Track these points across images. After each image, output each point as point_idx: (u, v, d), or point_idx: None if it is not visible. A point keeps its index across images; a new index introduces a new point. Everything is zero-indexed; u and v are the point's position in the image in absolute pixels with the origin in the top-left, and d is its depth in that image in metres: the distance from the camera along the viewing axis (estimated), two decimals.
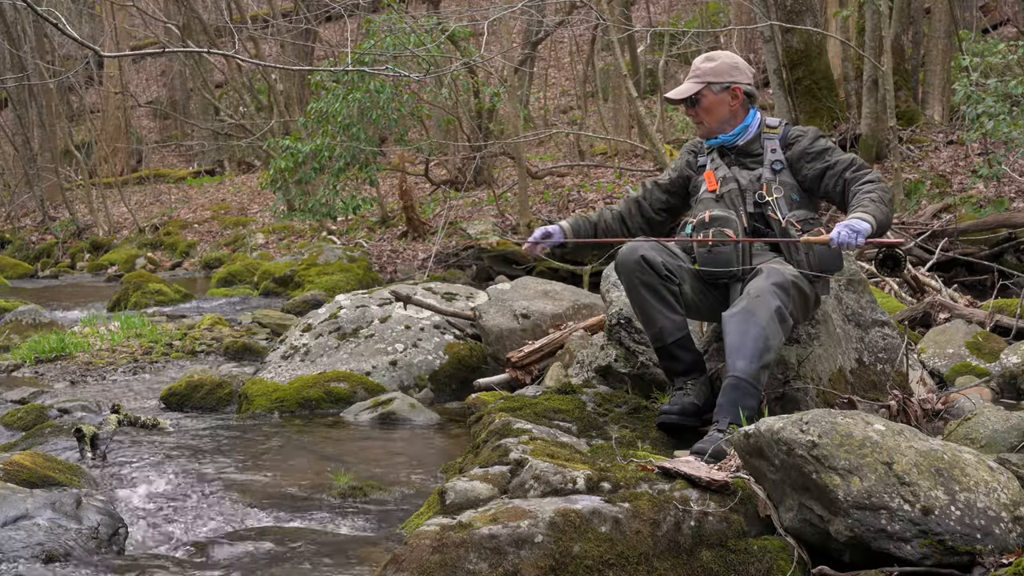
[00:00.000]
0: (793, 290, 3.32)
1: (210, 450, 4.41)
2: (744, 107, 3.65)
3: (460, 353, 5.72)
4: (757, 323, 3.18)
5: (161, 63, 27.81)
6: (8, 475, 3.37)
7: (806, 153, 3.54)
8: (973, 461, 2.50)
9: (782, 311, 3.22)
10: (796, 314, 3.38)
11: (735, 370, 3.18)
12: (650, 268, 3.46)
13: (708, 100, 3.62)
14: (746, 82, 3.65)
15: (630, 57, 14.85)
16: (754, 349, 3.17)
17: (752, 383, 3.17)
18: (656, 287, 3.46)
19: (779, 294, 3.23)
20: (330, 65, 15.81)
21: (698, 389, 3.48)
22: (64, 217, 19.77)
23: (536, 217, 11.57)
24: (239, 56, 4.46)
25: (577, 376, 4.09)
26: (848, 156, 3.51)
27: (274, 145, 13.83)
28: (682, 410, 3.43)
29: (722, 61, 3.66)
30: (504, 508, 2.51)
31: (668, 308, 3.47)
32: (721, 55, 3.71)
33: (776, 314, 3.20)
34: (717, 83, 3.62)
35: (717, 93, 3.61)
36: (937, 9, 12.19)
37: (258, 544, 3.05)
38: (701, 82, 3.63)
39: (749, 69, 3.73)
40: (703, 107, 3.64)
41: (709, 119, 3.65)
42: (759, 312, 3.20)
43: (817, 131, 3.64)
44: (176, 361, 6.89)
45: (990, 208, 8.62)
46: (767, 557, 2.50)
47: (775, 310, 3.20)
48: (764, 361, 3.18)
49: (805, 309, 3.51)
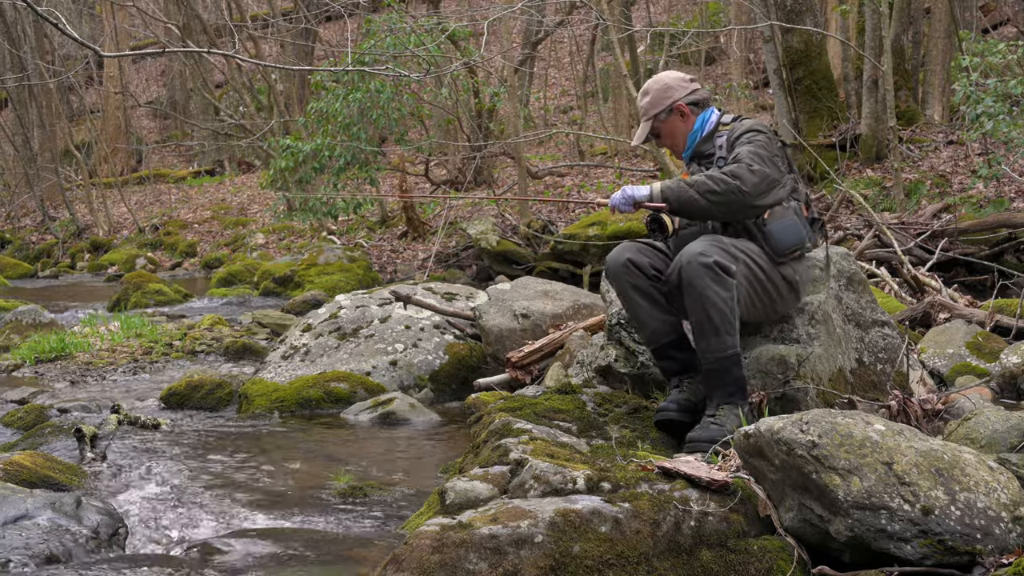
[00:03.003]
0: (739, 256, 3.38)
1: (210, 450, 4.41)
2: (695, 115, 3.77)
3: (460, 353, 5.72)
4: (698, 298, 3.28)
5: (161, 63, 27.81)
6: (8, 475, 3.37)
7: (731, 146, 3.63)
8: (973, 461, 2.50)
9: (713, 269, 3.28)
10: (753, 284, 3.42)
11: (701, 355, 3.35)
12: (637, 271, 3.53)
13: (664, 129, 3.78)
14: (684, 95, 3.75)
15: (630, 57, 14.84)
16: (707, 325, 3.28)
17: (720, 357, 3.28)
18: (645, 289, 3.52)
19: (705, 255, 3.29)
20: (330, 65, 15.81)
21: (695, 387, 3.51)
22: (64, 217, 19.77)
23: (536, 217, 11.57)
24: (239, 56, 4.46)
25: (577, 376, 4.09)
26: (746, 150, 3.52)
27: (274, 145, 13.83)
28: (679, 407, 3.46)
29: (655, 90, 3.79)
30: (504, 508, 2.51)
31: (659, 309, 3.52)
32: (651, 84, 3.83)
33: (708, 272, 3.27)
34: (660, 111, 3.76)
35: (666, 119, 3.75)
36: (937, 9, 12.19)
37: (258, 544, 3.05)
38: (648, 118, 3.79)
39: (684, 78, 3.83)
40: (664, 136, 3.80)
41: (675, 142, 3.80)
42: (696, 284, 3.29)
43: (752, 125, 3.66)
44: (176, 361, 6.89)
45: (990, 208, 8.62)
46: (767, 557, 2.50)
47: (706, 270, 3.28)
48: (720, 326, 3.27)
49: (771, 292, 3.51)
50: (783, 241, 3.49)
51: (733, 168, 3.45)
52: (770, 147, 3.55)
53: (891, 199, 9.59)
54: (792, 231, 3.50)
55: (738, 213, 3.49)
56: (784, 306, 3.61)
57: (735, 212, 3.47)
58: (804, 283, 3.63)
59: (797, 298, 3.62)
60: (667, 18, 20.86)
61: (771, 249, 3.48)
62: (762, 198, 3.45)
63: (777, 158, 3.55)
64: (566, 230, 10.59)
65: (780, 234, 3.49)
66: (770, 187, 3.46)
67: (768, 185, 3.45)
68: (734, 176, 3.41)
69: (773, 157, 3.53)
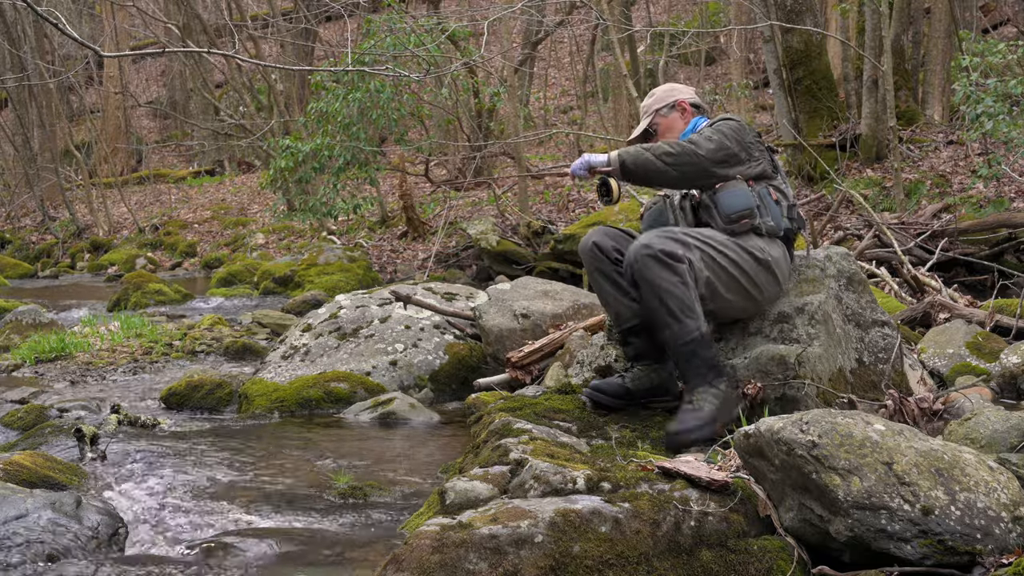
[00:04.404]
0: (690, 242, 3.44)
1: (210, 450, 4.41)
2: (692, 116, 3.92)
3: (460, 353, 5.72)
4: (650, 288, 3.36)
5: (161, 63, 27.82)
6: (8, 475, 3.37)
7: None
8: (973, 461, 2.50)
9: (657, 257, 3.35)
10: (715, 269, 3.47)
11: (668, 345, 3.42)
12: (602, 255, 3.62)
13: (662, 124, 3.90)
14: (688, 95, 3.93)
15: (630, 57, 14.85)
16: (664, 313, 3.35)
17: (686, 342, 3.34)
18: (608, 273, 3.62)
19: (648, 247, 3.37)
20: (330, 65, 15.81)
21: (639, 376, 3.61)
22: (64, 217, 19.77)
23: (536, 217, 11.57)
24: (239, 56, 4.46)
25: (577, 376, 4.09)
26: (709, 128, 3.63)
27: (274, 145, 13.83)
28: (607, 390, 3.59)
29: (661, 91, 3.99)
30: (504, 508, 2.51)
31: (621, 293, 3.61)
32: (658, 88, 4.04)
33: (654, 261, 3.35)
34: (663, 106, 3.90)
35: (667, 115, 3.90)
36: (937, 9, 12.20)
37: (258, 544, 3.05)
38: (650, 114, 3.93)
39: (687, 88, 4.00)
40: (662, 131, 3.90)
41: (671, 136, 3.89)
42: (646, 276, 3.37)
43: (723, 116, 3.75)
44: (176, 361, 6.89)
45: (990, 208, 8.62)
46: (767, 557, 2.50)
47: (652, 260, 3.35)
48: (676, 311, 3.33)
49: (740, 275, 3.52)
50: (729, 206, 3.54)
51: (691, 136, 3.60)
52: (738, 132, 3.63)
53: (891, 199, 9.59)
54: (739, 197, 3.55)
55: (695, 178, 3.57)
56: (765, 290, 3.59)
57: (691, 176, 3.56)
58: (779, 263, 3.61)
59: (777, 280, 3.61)
60: (667, 18, 20.87)
61: (720, 217, 3.54)
62: (720, 167, 3.54)
63: (746, 141, 3.62)
64: (566, 230, 10.60)
65: (726, 199, 3.55)
66: (728, 158, 3.56)
67: (726, 155, 3.55)
68: (690, 142, 3.54)
69: (738, 138, 3.61)
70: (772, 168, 3.70)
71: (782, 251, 3.64)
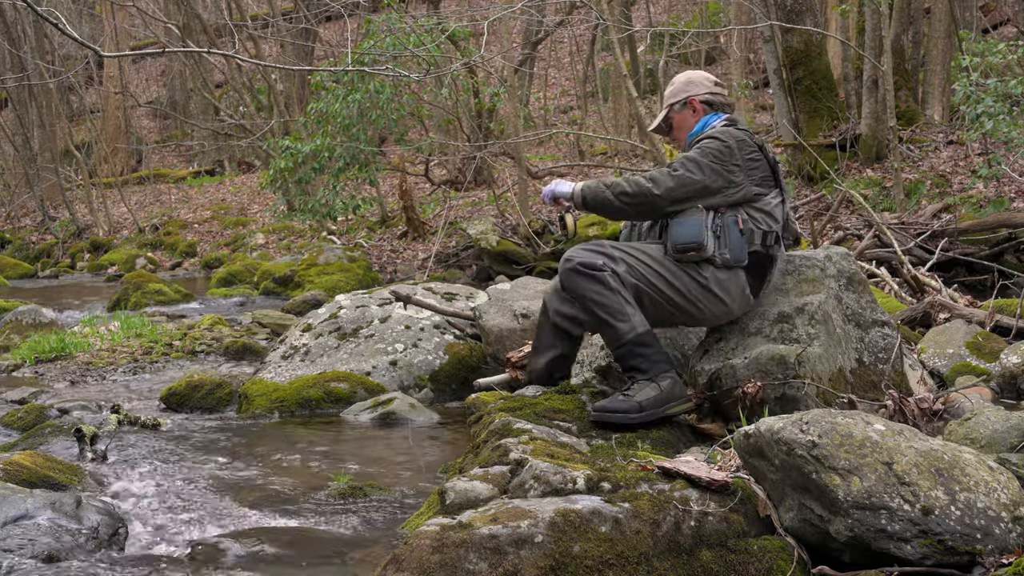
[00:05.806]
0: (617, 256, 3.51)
1: (210, 450, 4.41)
2: (704, 114, 3.86)
3: (460, 353, 5.72)
4: (578, 299, 3.52)
5: (161, 63, 27.82)
6: (8, 475, 3.37)
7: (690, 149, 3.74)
8: (973, 461, 2.50)
9: (577, 269, 3.48)
10: (645, 283, 3.52)
11: (609, 350, 3.57)
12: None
13: (675, 120, 3.92)
14: (702, 92, 3.86)
15: (630, 57, 14.85)
16: (595, 321, 3.49)
17: (623, 343, 3.42)
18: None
19: (568, 260, 3.51)
20: (330, 65, 15.81)
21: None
22: (64, 217, 19.77)
23: (536, 217, 11.57)
24: (239, 56, 4.46)
25: (577, 376, 4.09)
26: (687, 156, 3.60)
27: (274, 145, 13.83)
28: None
29: (679, 81, 3.95)
30: (504, 508, 2.51)
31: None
32: (679, 77, 3.99)
33: (575, 275, 3.49)
34: (677, 102, 3.89)
35: (679, 111, 3.89)
36: (937, 9, 12.19)
37: (258, 544, 3.05)
38: (667, 106, 3.93)
39: (710, 79, 3.93)
40: (675, 128, 3.92)
41: (681, 136, 3.92)
42: (573, 288, 3.52)
43: (713, 132, 3.67)
44: (176, 361, 6.89)
45: (990, 208, 8.63)
46: (767, 557, 2.50)
47: (573, 273, 3.49)
48: (606, 317, 3.44)
49: (675, 295, 3.54)
50: (677, 236, 3.54)
51: (655, 173, 3.59)
52: (722, 156, 3.54)
53: (891, 199, 9.59)
54: (689, 229, 3.52)
55: (651, 215, 3.65)
56: (705, 309, 3.57)
57: (647, 214, 3.64)
58: (726, 286, 3.56)
59: (721, 301, 3.57)
60: (667, 18, 20.87)
61: (668, 246, 3.57)
62: (679, 204, 3.54)
63: (730, 165, 3.54)
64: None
65: (677, 229, 3.55)
66: (694, 194, 3.52)
67: (689, 192, 3.52)
68: (651, 180, 3.55)
69: (720, 163, 3.53)
70: (768, 185, 3.62)
71: (734, 276, 3.56)
